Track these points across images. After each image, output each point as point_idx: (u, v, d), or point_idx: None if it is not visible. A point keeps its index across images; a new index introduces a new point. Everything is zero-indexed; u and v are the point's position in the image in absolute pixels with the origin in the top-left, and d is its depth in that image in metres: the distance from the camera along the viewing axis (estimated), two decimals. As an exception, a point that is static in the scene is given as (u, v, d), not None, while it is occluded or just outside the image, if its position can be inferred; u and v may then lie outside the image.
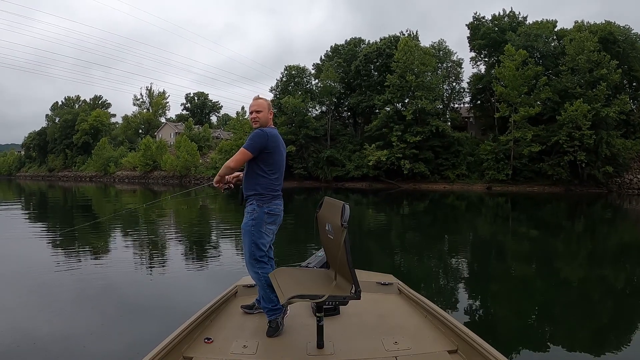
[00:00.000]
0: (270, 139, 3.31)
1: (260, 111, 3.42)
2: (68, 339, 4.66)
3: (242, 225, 3.31)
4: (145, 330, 4.82)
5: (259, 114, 3.42)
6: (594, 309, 6.05)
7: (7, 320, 5.23)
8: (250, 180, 3.36)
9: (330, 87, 50.08)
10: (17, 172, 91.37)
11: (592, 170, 36.44)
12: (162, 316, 5.22)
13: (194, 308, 3.32)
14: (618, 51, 38.44)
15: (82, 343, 4.52)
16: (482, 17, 47.08)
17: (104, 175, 67.00)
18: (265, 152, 3.30)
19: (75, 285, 6.94)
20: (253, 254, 3.25)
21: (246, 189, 3.39)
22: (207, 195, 32.97)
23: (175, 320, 3.39)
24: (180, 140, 59.47)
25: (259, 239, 3.26)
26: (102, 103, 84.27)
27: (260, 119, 3.42)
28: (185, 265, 8.67)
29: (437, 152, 43.38)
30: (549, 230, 15.63)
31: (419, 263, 9.40)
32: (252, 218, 3.26)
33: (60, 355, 4.25)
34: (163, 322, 4.80)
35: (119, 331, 4.84)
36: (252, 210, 3.28)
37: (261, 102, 3.49)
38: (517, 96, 38.76)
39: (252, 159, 3.31)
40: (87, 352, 4.30)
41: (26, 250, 10.42)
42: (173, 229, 15.01)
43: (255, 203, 3.29)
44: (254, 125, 3.45)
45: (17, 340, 4.57)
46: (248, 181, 3.38)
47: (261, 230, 3.26)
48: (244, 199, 3.41)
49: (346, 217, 2.50)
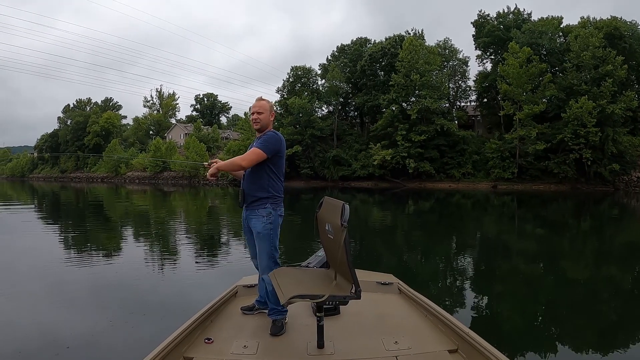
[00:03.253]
0: (283, 143, 3.38)
1: (261, 113, 3.39)
2: (67, 338, 4.61)
3: (259, 230, 3.26)
4: (146, 331, 4.80)
5: (260, 115, 3.39)
6: (596, 309, 5.99)
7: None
8: (262, 183, 3.31)
9: (336, 87, 50.46)
10: (30, 174, 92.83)
11: (599, 168, 36.26)
12: (163, 316, 5.23)
13: (194, 308, 3.35)
14: (624, 47, 38.04)
15: (81, 343, 4.48)
16: (487, 15, 47.07)
17: (115, 177, 68.13)
18: (278, 156, 3.34)
19: (75, 285, 6.97)
20: (273, 257, 3.27)
21: (257, 192, 3.31)
22: (216, 196, 33.48)
23: (176, 321, 3.44)
24: (189, 141, 60.32)
25: (276, 241, 3.31)
26: (112, 105, 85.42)
27: (262, 120, 3.39)
28: (185, 266, 8.69)
29: (443, 151, 43.49)
30: (554, 229, 15.36)
31: (420, 262, 9.38)
32: (270, 222, 3.26)
33: (60, 355, 4.22)
34: (163, 322, 4.86)
35: (119, 331, 4.83)
36: (268, 213, 3.27)
37: (263, 103, 3.46)
38: (522, 94, 38.68)
39: (262, 162, 3.27)
40: (86, 352, 4.29)
41: (28, 248, 10.62)
42: (175, 229, 15.14)
43: (271, 206, 3.29)
44: (255, 126, 3.44)
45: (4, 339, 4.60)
46: (258, 184, 3.32)
47: (277, 232, 3.32)
48: (249, 201, 3.34)
49: (346, 217, 2.48)
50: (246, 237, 3.52)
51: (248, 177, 3.37)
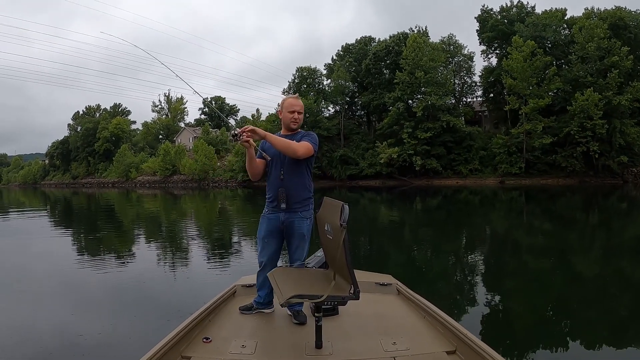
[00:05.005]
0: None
1: (301, 112, 3.27)
2: (64, 338, 4.61)
3: (304, 231, 3.21)
4: (143, 330, 4.79)
5: (301, 115, 3.26)
6: (599, 309, 5.84)
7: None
8: (305, 182, 3.23)
9: (342, 87, 50.69)
10: (42, 181, 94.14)
11: (607, 160, 36.18)
12: (161, 316, 5.20)
13: (192, 307, 3.33)
14: (629, 37, 37.89)
15: (79, 342, 4.48)
16: (490, 10, 46.98)
17: (125, 181, 69.08)
18: (315, 156, 3.26)
19: (75, 284, 7.02)
20: (304, 257, 3.27)
21: (302, 192, 3.21)
22: (225, 198, 33.81)
23: (174, 320, 3.49)
24: (197, 144, 61.02)
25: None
26: (122, 111, 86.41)
27: (300, 120, 3.27)
28: (184, 265, 8.79)
29: (449, 147, 43.57)
30: (562, 224, 14.91)
31: (420, 263, 9.35)
32: (311, 222, 3.21)
33: (58, 355, 4.23)
34: (161, 321, 4.86)
35: (116, 330, 4.82)
36: (310, 215, 3.22)
37: (302, 103, 3.33)
38: (527, 88, 38.64)
39: (303, 160, 3.17)
40: (85, 352, 4.28)
41: (36, 252, 10.82)
42: (178, 229, 15.27)
43: (311, 207, 3.23)
44: (293, 125, 3.25)
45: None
46: (302, 183, 3.21)
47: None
48: (294, 202, 3.19)
49: (345, 217, 2.46)
50: (266, 239, 3.31)
51: (290, 177, 3.18)
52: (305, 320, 3.08)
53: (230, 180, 55.29)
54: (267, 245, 3.29)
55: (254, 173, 3.28)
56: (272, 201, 3.25)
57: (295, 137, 3.18)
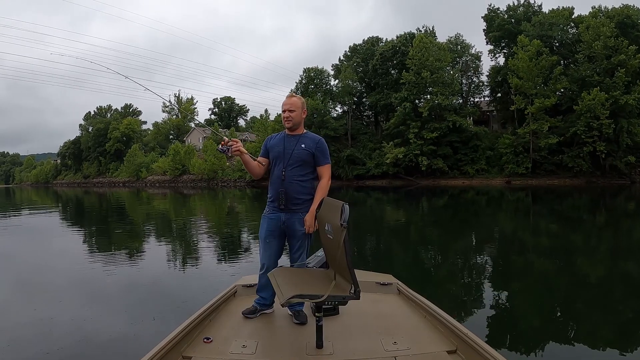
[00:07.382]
0: None
1: (293, 110, 3.19)
2: (64, 337, 4.56)
3: (303, 232, 3.24)
4: (144, 330, 4.74)
5: (292, 113, 3.19)
6: (603, 311, 5.74)
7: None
8: (308, 186, 3.26)
9: (349, 87, 51.03)
10: (54, 180, 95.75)
11: (614, 160, 35.97)
12: (161, 315, 5.18)
13: (193, 308, 3.31)
14: (637, 35, 37.62)
15: (79, 342, 4.44)
16: (497, 9, 47.00)
17: (136, 181, 70.15)
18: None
19: (74, 284, 7.03)
20: (305, 257, 3.33)
21: (302, 195, 3.23)
22: (234, 197, 34.18)
23: (175, 320, 3.48)
24: (207, 144, 61.73)
25: None
26: (132, 111, 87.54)
27: (294, 118, 3.20)
28: (186, 265, 8.78)
29: (456, 147, 43.69)
30: (569, 225, 14.91)
31: (421, 263, 9.33)
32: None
33: (57, 354, 4.16)
34: (162, 321, 4.85)
35: (116, 330, 4.78)
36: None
37: (295, 100, 3.24)
38: (533, 87, 38.55)
39: (308, 162, 3.22)
40: (83, 351, 4.24)
41: (43, 249, 11.03)
42: (185, 228, 15.37)
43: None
44: (287, 125, 3.23)
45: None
46: (305, 187, 3.24)
47: None
48: (293, 204, 3.23)
49: (345, 217, 2.47)
50: (267, 240, 3.32)
51: (292, 177, 3.20)
52: (305, 320, 3.11)
53: (239, 180, 55.96)
54: (269, 246, 3.31)
55: (254, 173, 3.35)
56: (272, 201, 3.28)
57: (299, 140, 3.22)
